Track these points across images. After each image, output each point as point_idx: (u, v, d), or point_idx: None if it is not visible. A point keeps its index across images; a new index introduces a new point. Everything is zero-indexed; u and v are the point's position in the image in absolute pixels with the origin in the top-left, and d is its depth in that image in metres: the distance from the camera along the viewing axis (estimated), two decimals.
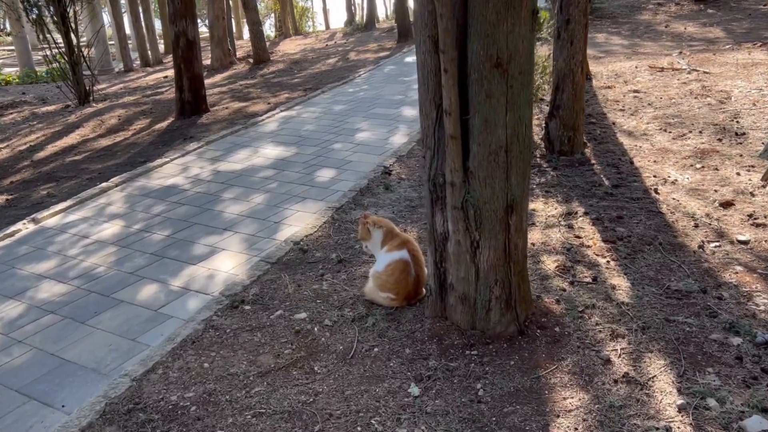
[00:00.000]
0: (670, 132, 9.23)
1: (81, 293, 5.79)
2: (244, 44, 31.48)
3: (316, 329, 4.90)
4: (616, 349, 4.36)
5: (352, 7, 42.90)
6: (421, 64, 4.31)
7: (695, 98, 10.68)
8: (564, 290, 5.28)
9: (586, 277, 5.53)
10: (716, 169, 7.74)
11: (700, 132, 9.00)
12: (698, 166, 7.90)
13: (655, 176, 7.63)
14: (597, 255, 5.88)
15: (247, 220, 7.28)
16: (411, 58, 17.83)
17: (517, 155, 4.30)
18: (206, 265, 6.23)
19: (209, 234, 6.97)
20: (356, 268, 5.92)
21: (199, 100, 13.07)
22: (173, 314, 5.34)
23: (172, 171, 9.22)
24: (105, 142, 11.74)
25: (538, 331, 4.72)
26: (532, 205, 6.95)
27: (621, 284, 5.32)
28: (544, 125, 8.96)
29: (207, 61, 21.75)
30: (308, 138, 10.45)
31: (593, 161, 8.37)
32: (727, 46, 15.16)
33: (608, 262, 5.74)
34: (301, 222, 7.09)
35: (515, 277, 4.61)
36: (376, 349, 4.57)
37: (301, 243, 6.54)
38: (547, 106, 9.38)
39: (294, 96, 13.87)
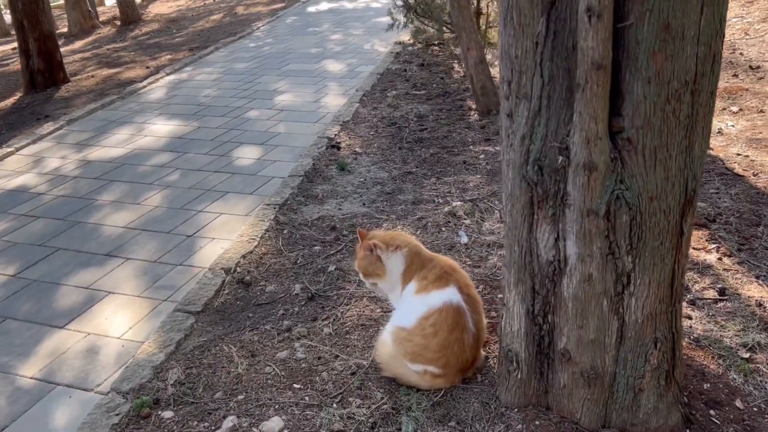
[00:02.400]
0: None
1: None
2: (106, 10, 27.18)
3: None
4: None
5: None
6: None
7: None
8: (690, 318, 3.26)
9: (706, 289, 3.53)
10: (761, 111, 5.99)
11: None
12: (735, 109, 6.12)
13: None
14: (697, 249, 3.90)
15: (141, 236, 4.71)
16: (313, 8, 15.26)
17: (706, 101, 2.16)
18: (82, 327, 3.70)
19: (83, 266, 4.36)
20: (345, 308, 3.60)
21: (54, 68, 9.94)
22: None
23: (20, 166, 6.36)
24: None
25: (711, 411, 2.66)
26: None
27: (765, 295, 3.37)
28: None
29: (64, 30, 17.99)
30: (211, 106, 7.83)
31: None
32: None
33: (720, 258, 3.79)
34: (228, 232, 4.64)
35: (678, 331, 2.50)
36: None
37: (239, 270, 4.10)
38: None
39: (179, 57, 11.00)
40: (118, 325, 3.69)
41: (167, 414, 2.92)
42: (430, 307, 2.81)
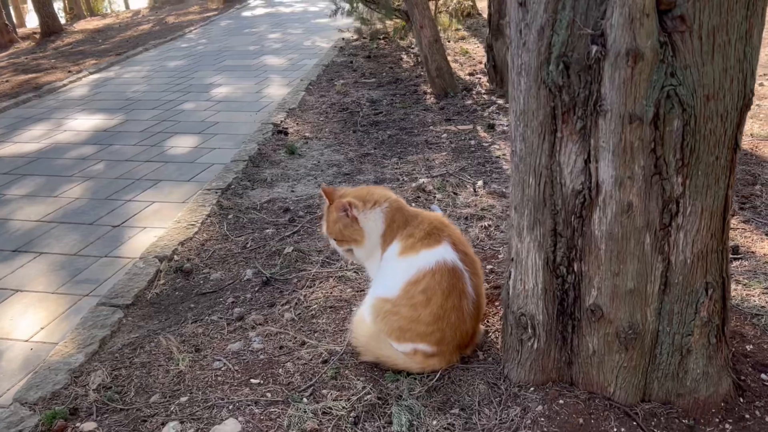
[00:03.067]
0: None
1: None
2: (27, 31, 25.68)
3: None
4: None
5: None
6: None
7: None
8: None
9: None
10: None
11: None
12: None
13: None
14: None
15: (58, 229, 4.00)
16: (249, 13, 14.63)
17: None
18: None
19: None
20: (308, 291, 3.02)
21: None
22: None
23: None
24: None
25: (762, 375, 2.22)
26: None
27: None
28: (486, 48, 6.48)
29: None
30: (140, 101, 7.11)
31: None
32: None
33: None
34: (162, 220, 3.98)
35: (728, 276, 2.05)
36: None
37: (176, 258, 3.46)
38: (485, 26, 6.95)
39: (103, 62, 10.17)
40: (26, 327, 2.99)
41: (88, 426, 2.26)
42: (420, 270, 2.27)
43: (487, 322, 2.61)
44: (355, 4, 7.87)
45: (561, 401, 2.12)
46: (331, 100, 6.49)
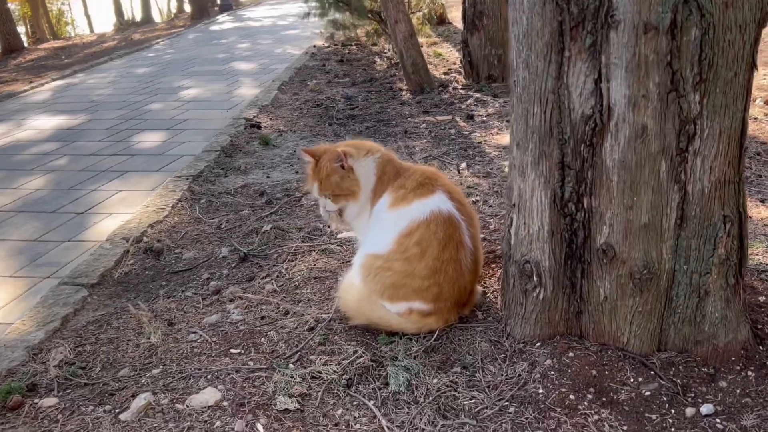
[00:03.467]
0: None
1: None
2: None
3: None
4: None
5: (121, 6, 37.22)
6: None
7: None
8: None
9: None
10: None
11: None
12: None
13: None
14: None
15: (17, 218, 3.74)
16: (217, 27, 14.42)
17: None
18: None
19: None
20: (290, 264, 2.82)
21: None
22: None
23: None
24: None
25: None
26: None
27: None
28: (461, 43, 6.41)
29: None
30: (105, 102, 6.86)
31: None
32: None
33: None
34: (129, 206, 3.75)
35: (745, 210, 1.93)
36: None
37: (146, 240, 3.24)
38: (456, 33, 6.88)
39: (67, 70, 9.88)
40: None
41: (48, 401, 2.03)
42: (413, 220, 2.11)
43: (484, 283, 2.45)
44: (326, 7, 7.74)
45: (571, 354, 1.96)
46: (304, 97, 6.33)
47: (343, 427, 1.80)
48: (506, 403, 1.83)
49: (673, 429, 1.70)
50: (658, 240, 1.81)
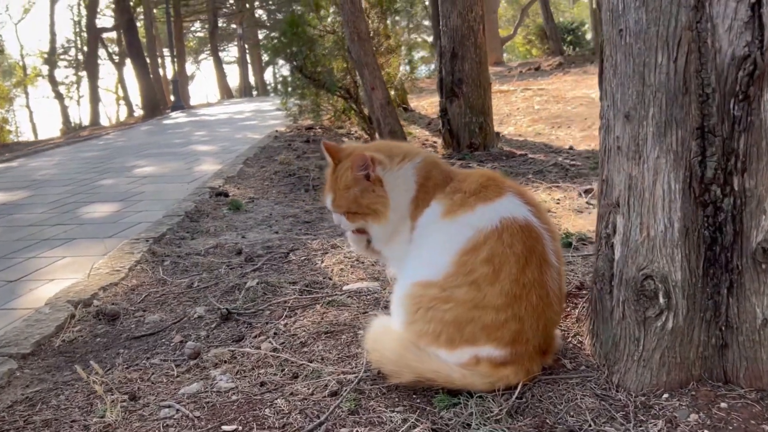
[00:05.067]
0: (568, 126, 7.08)
1: None
2: None
3: None
4: None
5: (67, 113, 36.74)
6: None
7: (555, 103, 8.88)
8: None
9: None
10: None
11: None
12: None
13: None
14: None
15: None
16: (170, 121, 14.00)
17: None
18: None
19: None
20: (290, 320, 2.18)
21: None
22: None
23: None
24: None
25: None
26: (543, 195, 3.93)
27: None
28: (440, 112, 6.10)
29: None
30: (49, 181, 6.21)
31: (525, 152, 5.72)
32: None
33: None
34: (75, 272, 3.07)
35: None
36: None
37: (97, 302, 2.56)
38: (421, 118, 6.64)
39: (6, 155, 9.20)
40: None
41: None
42: (479, 230, 1.56)
43: (559, 325, 1.88)
44: (295, 84, 7.42)
45: (723, 404, 1.39)
46: (274, 169, 5.84)
47: None
48: None
49: None
50: None
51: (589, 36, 24.97)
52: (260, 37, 32.59)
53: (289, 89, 7.76)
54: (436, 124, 8.88)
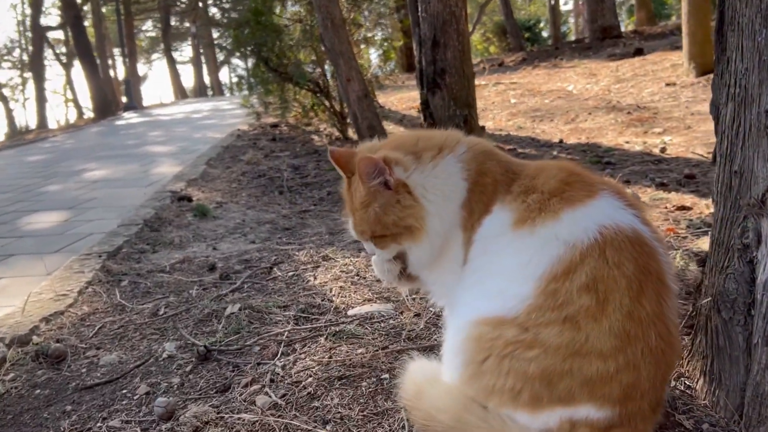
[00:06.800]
0: (551, 119, 6.75)
1: None
2: None
3: None
4: None
5: None
6: None
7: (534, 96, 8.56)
8: None
9: None
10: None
11: (590, 114, 6.65)
12: (658, 130, 5.39)
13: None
14: None
15: None
16: (123, 122, 13.22)
17: None
18: None
19: None
20: (287, 358, 1.70)
21: None
22: None
23: None
24: None
25: None
26: None
27: None
28: (421, 105, 5.67)
29: None
30: None
31: (513, 147, 5.35)
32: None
33: None
34: (13, 297, 2.52)
35: None
36: None
37: (37, 338, 2.03)
38: (394, 110, 6.20)
39: None
40: None
41: None
42: (571, 245, 1.12)
43: None
44: (258, 78, 6.88)
45: None
46: (241, 169, 5.32)
47: None
48: None
49: None
50: None
51: (545, 33, 25.00)
52: (215, 36, 31.70)
53: (253, 83, 7.21)
54: (410, 120, 8.49)
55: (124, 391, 1.68)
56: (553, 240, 1.14)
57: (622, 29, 15.43)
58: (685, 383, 1.36)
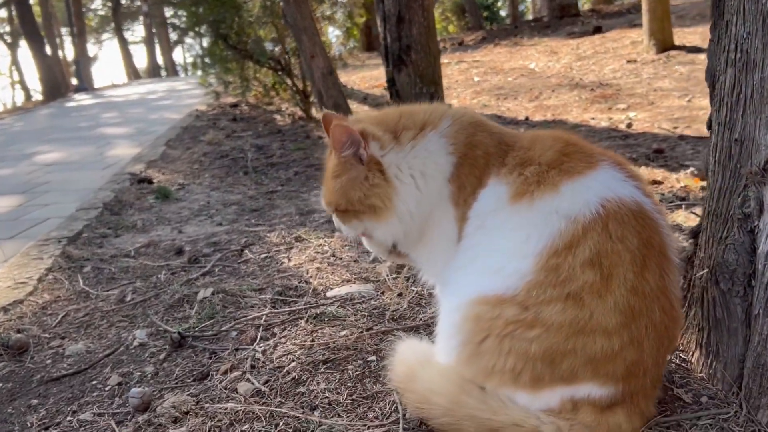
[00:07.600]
0: (515, 97, 6.74)
1: None
2: None
3: None
4: None
5: None
6: None
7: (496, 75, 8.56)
8: None
9: None
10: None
11: (553, 91, 6.66)
12: (622, 107, 5.42)
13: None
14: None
15: None
16: (74, 103, 12.75)
17: None
18: None
19: None
20: (266, 343, 1.63)
21: None
22: None
23: None
24: None
25: None
26: None
27: None
28: (387, 83, 5.58)
29: None
30: None
31: None
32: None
33: None
34: None
35: None
36: None
37: None
38: (358, 90, 6.11)
39: None
40: None
41: None
42: (572, 219, 1.08)
43: None
44: (216, 55, 6.66)
45: None
46: (202, 150, 5.17)
47: None
48: None
49: None
50: None
51: (503, 12, 25.04)
52: (168, 14, 30.80)
53: (210, 62, 6.99)
54: (373, 98, 8.39)
55: (95, 382, 1.59)
56: (553, 214, 1.09)
57: (580, 8, 15.55)
58: (680, 356, 1.35)
